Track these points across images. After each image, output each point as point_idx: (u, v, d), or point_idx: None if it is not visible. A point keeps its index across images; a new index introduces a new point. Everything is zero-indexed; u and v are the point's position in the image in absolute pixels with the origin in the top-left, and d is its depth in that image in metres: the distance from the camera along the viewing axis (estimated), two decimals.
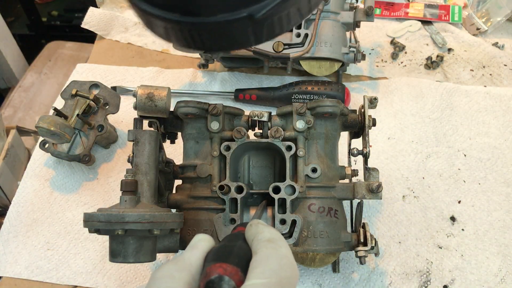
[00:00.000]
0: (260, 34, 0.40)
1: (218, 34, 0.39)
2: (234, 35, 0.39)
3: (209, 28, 0.38)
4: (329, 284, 0.90)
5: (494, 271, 0.90)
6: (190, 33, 0.39)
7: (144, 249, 0.70)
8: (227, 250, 0.46)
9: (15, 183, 1.07)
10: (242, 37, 0.40)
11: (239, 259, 0.44)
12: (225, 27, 0.38)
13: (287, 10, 0.38)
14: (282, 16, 0.39)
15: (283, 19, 0.39)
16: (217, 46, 0.42)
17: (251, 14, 0.36)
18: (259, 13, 0.36)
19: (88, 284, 0.91)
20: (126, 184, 0.72)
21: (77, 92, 1.07)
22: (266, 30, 0.40)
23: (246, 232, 0.50)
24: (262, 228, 0.49)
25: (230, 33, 0.39)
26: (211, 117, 0.81)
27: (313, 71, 1.12)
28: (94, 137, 1.04)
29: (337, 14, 1.12)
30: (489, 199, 0.99)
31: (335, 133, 0.83)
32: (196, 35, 0.39)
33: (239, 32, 0.39)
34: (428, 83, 1.19)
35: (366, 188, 0.79)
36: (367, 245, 0.78)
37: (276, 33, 0.41)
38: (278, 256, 0.44)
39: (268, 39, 0.41)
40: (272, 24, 0.39)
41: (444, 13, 1.40)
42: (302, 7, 0.40)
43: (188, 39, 0.40)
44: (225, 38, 0.40)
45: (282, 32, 0.41)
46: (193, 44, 0.41)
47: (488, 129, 1.10)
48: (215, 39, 0.40)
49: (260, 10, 0.36)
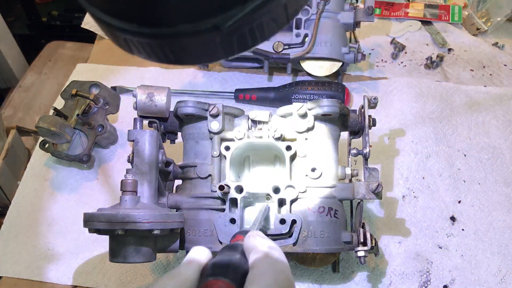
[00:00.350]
0: (231, 47, 0.36)
1: (181, 46, 0.35)
2: (201, 48, 0.35)
3: (170, 40, 0.34)
4: (329, 284, 0.90)
5: (494, 271, 0.90)
6: (150, 46, 0.36)
7: (144, 249, 0.70)
8: (224, 265, 0.45)
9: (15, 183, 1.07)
10: (210, 50, 0.36)
11: (235, 274, 0.43)
12: (188, 39, 0.34)
13: (259, 20, 0.34)
14: (253, 27, 0.35)
15: (256, 30, 0.35)
16: (182, 59, 0.37)
17: (217, 25, 0.33)
18: (226, 24, 0.33)
19: (88, 284, 0.91)
20: (126, 184, 0.72)
21: (77, 92, 1.07)
22: (238, 43, 0.36)
23: (244, 244, 0.50)
24: (260, 241, 0.49)
25: (195, 46, 0.35)
26: (211, 117, 0.81)
27: (313, 71, 1.12)
28: (94, 137, 1.04)
29: (337, 14, 1.12)
30: (489, 199, 0.99)
31: (335, 133, 0.83)
32: (157, 47, 0.35)
33: (205, 45, 0.35)
34: (428, 83, 1.19)
35: (366, 188, 0.79)
36: (367, 245, 0.78)
37: (250, 45, 0.37)
38: (274, 271, 0.43)
39: (241, 51, 0.37)
40: (243, 36, 0.35)
41: (444, 13, 1.40)
42: (278, 17, 0.36)
43: (149, 52, 0.36)
44: (190, 51, 0.36)
45: (256, 44, 0.37)
46: (155, 57, 0.37)
47: (488, 129, 1.10)
48: (179, 52, 0.36)
49: (227, 21, 0.33)
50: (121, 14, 0.34)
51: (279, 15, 0.36)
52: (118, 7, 0.34)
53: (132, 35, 0.35)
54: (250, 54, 1.10)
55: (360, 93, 1.19)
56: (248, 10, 0.33)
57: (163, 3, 0.32)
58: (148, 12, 0.33)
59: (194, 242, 0.78)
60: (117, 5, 0.34)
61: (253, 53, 1.09)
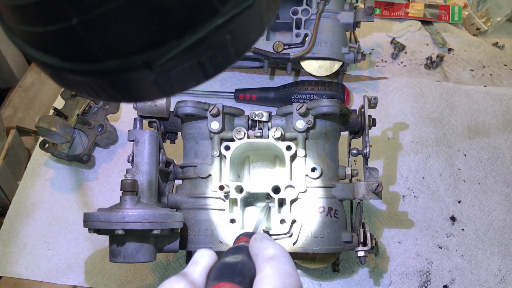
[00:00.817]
0: (169, 86, 0.31)
1: (110, 84, 0.31)
2: (133, 87, 0.31)
3: (97, 77, 0.30)
4: (329, 284, 0.90)
5: (494, 271, 0.90)
6: (77, 82, 0.31)
7: (144, 249, 0.70)
8: (231, 268, 0.45)
9: (15, 183, 1.07)
10: (144, 89, 0.31)
11: (242, 277, 0.43)
12: (117, 76, 0.30)
13: (200, 58, 0.30)
14: (194, 65, 0.30)
15: (197, 68, 0.31)
16: (114, 98, 0.33)
17: (147, 63, 0.29)
18: (158, 62, 0.29)
19: (88, 284, 0.91)
20: (126, 184, 0.72)
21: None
22: (177, 81, 0.31)
23: (250, 247, 0.49)
24: (267, 243, 0.48)
25: (127, 84, 0.31)
26: (211, 117, 0.81)
27: (313, 71, 1.12)
28: (94, 137, 1.04)
29: (337, 14, 1.12)
30: (489, 199, 0.99)
31: (335, 133, 0.83)
32: (85, 84, 0.31)
33: (138, 84, 0.31)
34: (428, 83, 1.19)
35: (366, 188, 0.79)
36: (367, 245, 0.78)
37: (192, 84, 0.32)
38: (282, 275, 0.43)
39: (183, 91, 0.33)
40: (183, 74, 0.31)
41: (444, 13, 1.40)
42: (224, 53, 0.31)
43: (79, 88, 0.32)
44: (122, 89, 0.32)
45: (201, 82, 0.33)
46: (86, 94, 0.33)
47: (488, 129, 1.10)
48: (110, 90, 0.32)
49: (159, 58, 0.29)
50: (42, 47, 0.30)
51: (225, 51, 0.31)
52: (38, 40, 0.30)
53: (56, 70, 0.31)
54: (250, 54, 1.10)
55: (360, 93, 1.19)
56: (184, 46, 0.29)
57: (84, 38, 0.28)
58: (69, 47, 0.29)
59: (194, 242, 0.78)
60: (37, 38, 0.30)
61: (253, 53, 1.09)
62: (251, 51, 1.09)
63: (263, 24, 0.32)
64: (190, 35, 0.29)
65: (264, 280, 0.42)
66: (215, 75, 0.33)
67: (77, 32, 0.27)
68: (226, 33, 0.29)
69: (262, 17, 0.32)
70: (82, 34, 0.27)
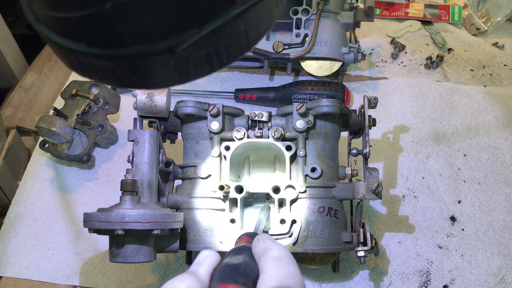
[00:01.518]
0: (186, 71, 0.33)
1: (134, 69, 0.33)
2: (154, 71, 0.33)
3: (121, 62, 0.32)
4: (329, 284, 0.90)
5: (494, 271, 0.90)
6: (100, 68, 0.33)
7: (144, 249, 0.70)
8: (234, 268, 0.45)
9: (15, 183, 1.07)
10: (165, 74, 0.33)
11: (246, 278, 0.43)
12: (140, 61, 0.32)
13: (217, 45, 0.32)
14: (211, 52, 0.33)
15: (213, 55, 0.33)
16: (135, 83, 0.34)
17: (171, 48, 0.31)
18: (180, 47, 0.31)
19: (88, 284, 0.91)
20: (126, 184, 0.72)
21: (77, 92, 1.07)
22: (194, 67, 0.33)
23: (253, 247, 0.50)
24: (270, 244, 0.48)
25: (148, 69, 0.33)
26: (211, 117, 0.81)
27: (313, 71, 1.12)
28: (94, 137, 1.04)
29: (337, 14, 1.12)
30: (489, 199, 0.99)
31: (335, 133, 0.83)
32: (108, 69, 0.33)
33: (159, 68, 0.33)
34: (428, 83, 1.19)
35: (366, 188, 0.79)
36: (367, 245, 0.78)
37: (207, 71, 0.34)
38: (285, 275, 0.43)
39: (199, 77, 0.35)
40: (200, 61, 0.33)
41: (444, 13, 1.40)
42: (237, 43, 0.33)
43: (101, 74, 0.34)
44: (143, 74, 0.33)
45: (214, 70, 0.35)
46: (106, 80, 0.35)
47: (488, 129, 1.10)
48: (131, 75, 0.33)
49: (181, 44, 0.31)
50: (69, 33, 0.32)
51: (239, 41, 0.34)
52: (66, 26, 0.32)
53: (81, 56, 0.32)
54: (250, 54, 1.10)
55: (360, 93, 1.19)
56: (204, 33, 0.31)
57: (114, 22, 0.29)
58: (98, 32, 0.31)
59: (194, 242, 0.78)
60: (65, 24, 0.32)
61: (253, 53, 1.09)
62: (251, 51, 1.09)
63: (272, 19, 0.35)
64: (209, 23, 0.31)
65: (268, 281, 0.42)
66: (228, 64, 0.35)
67: (109, 17, 0.29)
68: (241, 24, 0.32)
69: (271, 11, 0.35)
70: (113, 19, 0.29)
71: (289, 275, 0.43)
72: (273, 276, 0.43)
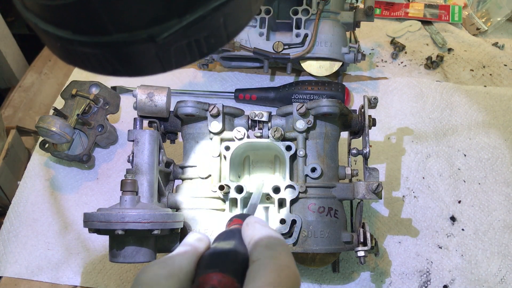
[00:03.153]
0: (168, 59, 0.35)
1: (117, 56, 0.34)
2: (136, 60, 0.35)
3: (105, 49, 0.34)
4: (329, 284, 0.90)
5: (494, 271, 0.90)
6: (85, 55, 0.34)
7: (144, 249, 0.70)
8: (223, 255, 0.42)
9: (15, 183, 1.07)
10: (147, 62, 0.35)
11: (235, 266, 0.40)
12: (123, 49, 0.33)
13: (197, 35, 0.34)
14: (191, 42, 0.34)
15: (194, 45, 0.35)
16: (119, 71, 0.36)
17: (152, 36, 0.32)
18: (161, 36, 0.32)
19: (88, 284, 0.91)
20: (126, 184, 0.72)
21: (77, 92, 1.07)
22: (175, 56, 0.35)
23: (243, 232, 0.46)
24: (260, 229, 0.45)
25: (131, 57, 0.34)
26: (211, 117, 0.81)
27: (313, 71, 1.12)
28: (94, 137, 1.04)
29: (337, 14, 1.12)
30: (489, 199, 0.99)
31: (335, 133, 0.83)
32: (92, 56, 0.34)
33: (141, 56, 0.34)
34: (428, 83, 1.19)
35: (366, 188, 0.79)
36: (367, 245, 0.78)
37: (188, 60, 0.36)
38: (277, 267, 0.39)
39: (180, 66, 0.36)
40: (181, 50, 0.34)
41: (444, 13, 1.40)
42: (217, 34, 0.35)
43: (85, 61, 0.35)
44: (126, 62, 0.35)
45: (195, 59, 0.36)
46: (91, 67, 0.36)
47: (488, 129, 1.10)
48: (114, 62, 0.35)
49: (162, 33, 0.32)
50: (55, 21, 0.34)
51: (218, 33, 0.35)
52: (53, 13, 0.33)
53: (67, 43, 0.34)
54: (250, 54, 1.10)
55: (360, 93, 1.19)
56: (184, 23, 0.33)
57: (98, 11, 0.31)
58: (83, 20, 0.32)
59: None
60: (51, 11, 0.33)
61: (253, 53, 1.09)
62: (251, 51, 1.09)
63: (251, 12, 0.37)
64: (190, 14, 0.33)
65: (258, 273, 0.39)
66: (208, 54, 0.37)
67: (93, 6, 0.31)
68: (220, 16, 0.34)
69: (251, 5, 0.37)
70: (97, 7, 0.31)
71: (281, 267, 0.40)
72: (263, 268, 0.39)
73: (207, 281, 0.38)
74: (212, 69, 1.26)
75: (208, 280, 0.38)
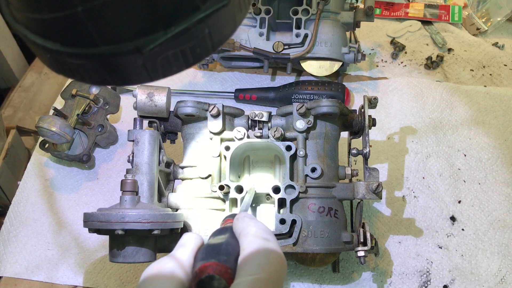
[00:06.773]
0: (155, 70, 0.36)
1: (104, 67, 0.35)
2: (123, 70, 0.36)
3: (93, 60, 0.35)
4: (329, 284, 0.90)
5: (494, 271, 0.90)
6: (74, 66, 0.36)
7: (144, 249, 0.70)
8: (216, 248, 0.46)
9: (15, 183, 1.07)
10: (133, 73, 0.36)
11: (228, 256, 0.44)
12: (110, 60, 0.35)
13: (182, 46, 0.35)
14: (177, 53, 0.35)
15: (180, 55, 0.36)
16: (106, 80, 0.37)
17: (138, 48, 0.33)
18: (147, 48, 0.34)
19: (88, 284, 0.91)
20: (126, 184, 0.72)
21: (77, 92, 1.07)
22: (162, 66, 0.36)
23: (234, 226, 0.51)
24: (248, 221, 0.50)
25: (118, 67, 0.35)
26: (211, 117, 0.81)
27: (313, 71, 1.12)
28: (94, 137, 1.04)
29: (337, 14, 1.12)
30: (489, 199, 0.99)
31: (335, 133, 0.83)
32: (81, 68, 0.36)
33: (128, 67, 0.35)
34: (428, 83, 1.19)
35: (366, 188, 0.79)
36: (367, 245, 0.78)
37: (174, 70, 0.37)
38: (265, 251, 0.44)
39: (167, 75, 0.38)
40: (167, 60, 0.36)
41: (444, 13, 1.40)
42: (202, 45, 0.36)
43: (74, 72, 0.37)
44: (113, 72, 0.36)
45: (182, 69, 0.37)
46: (80, 77, 0.37)
47: (488, 129, 1.10)
48: (102, 72, 0.36)
49: (148, 45, 0.33)
50: (44, 33, 0.35)
51: (204, 43, 0.36)
52: (42, 26, 0.34)
53: (56, 54, 0.35)
54: (250, 54, 1.10)
55: (360, 93, 1.19)
56: (170, 35, 0.34)
57: (86, 24, 0.32)
58: (71, 33, 0.33)
59: None
60: (40, 24, 0.34)
61: (253, 53, 1.09)
62: (251, 51, 1.09)
63: (235, 22, 0.38)
64: (175, 26, 0.34)
65: (248, 257, 0.43)
66: (194, 64, 0.38)
67: (80, 19, 0.32)
68: (205, 27, 0.35)
69: (235, 16, 0.38)
70: (84, 21, 0.32)
71: (268, 251, 0.44)
72: (253, 253, 0.44)
73: (203, 270, 0.42)
74: (212, 69, 1.26)
75: (204, 270, 0.42)
